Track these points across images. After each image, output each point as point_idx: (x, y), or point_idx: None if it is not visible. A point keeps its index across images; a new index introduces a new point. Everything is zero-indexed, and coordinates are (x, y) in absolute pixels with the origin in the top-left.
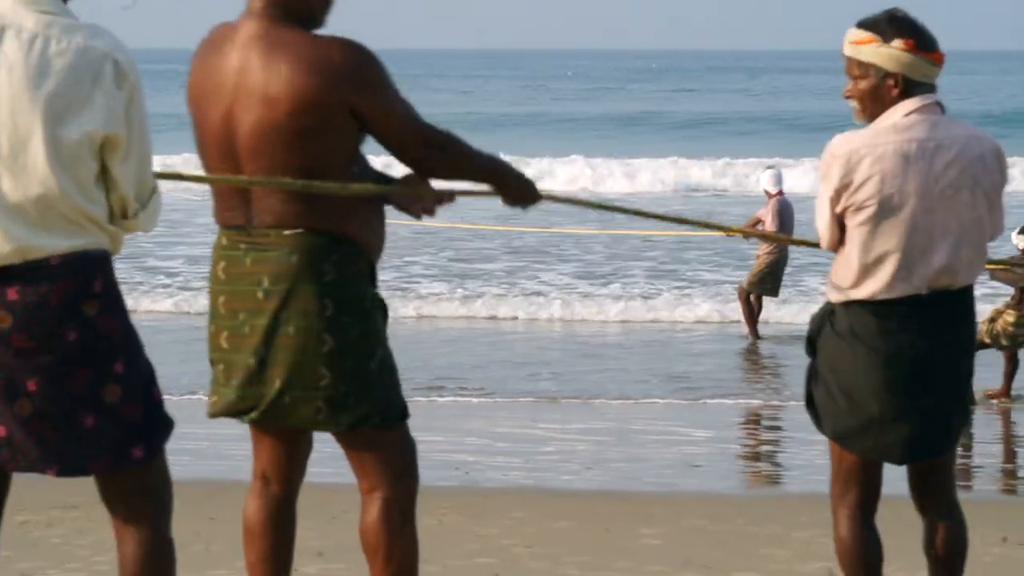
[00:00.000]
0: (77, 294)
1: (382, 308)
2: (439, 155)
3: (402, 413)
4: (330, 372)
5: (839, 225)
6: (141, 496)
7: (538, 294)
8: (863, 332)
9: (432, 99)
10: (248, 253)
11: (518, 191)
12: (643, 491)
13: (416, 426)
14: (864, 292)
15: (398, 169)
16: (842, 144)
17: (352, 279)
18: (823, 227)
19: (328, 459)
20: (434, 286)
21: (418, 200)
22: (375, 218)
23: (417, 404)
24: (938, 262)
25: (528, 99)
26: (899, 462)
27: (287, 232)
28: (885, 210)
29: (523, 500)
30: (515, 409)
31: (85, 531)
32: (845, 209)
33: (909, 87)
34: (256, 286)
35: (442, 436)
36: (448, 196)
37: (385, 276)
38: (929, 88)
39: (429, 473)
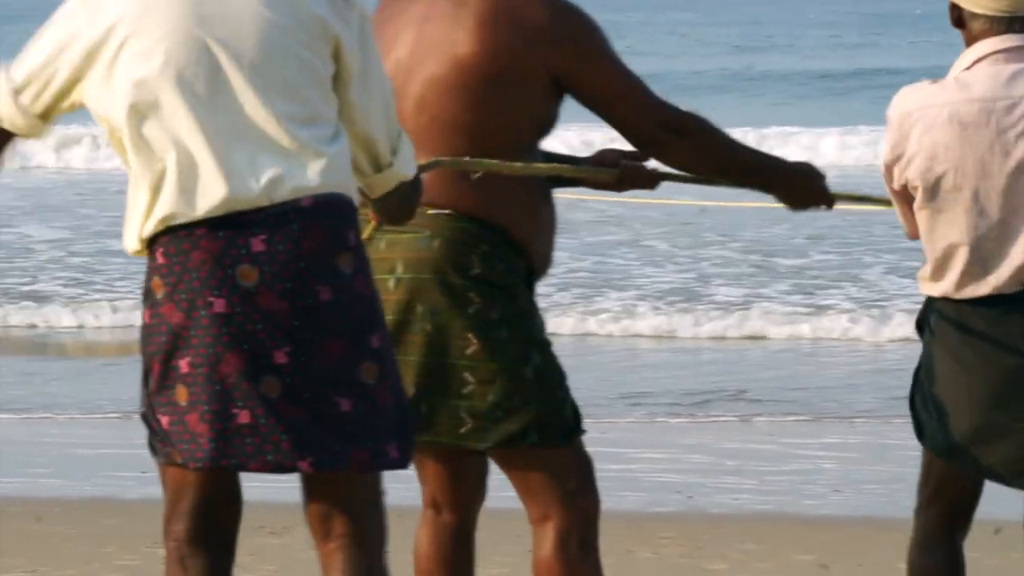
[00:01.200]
0: (332, 245)
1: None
2: (677, 139)
3: (569, 430)
4: (474, 378)
5: (907, 207)
6: (368, 511)
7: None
8: (944, 336)
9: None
10: (384, 234)
11: (800, 190)
12: (905, 518)
13: (629, 443)
14: (938, 290)
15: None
16: (897, 104)
17: (503, 273)
18: (896, 210)
19: None
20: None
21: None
22: (543, 211)
23: (633, 420)
24: (1020, 256)
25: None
26: (1009, 483)
27: (431, 212)
28: (941, 192)
29: (757, 529)
30: (748, 423)
31: (240, 567)
32: (903, 188)
33: (976, 25)
34: (389, 274)
35: (660, 454)
36: (672, 179)
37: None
38: (1008, 25)
39: (644, 497)
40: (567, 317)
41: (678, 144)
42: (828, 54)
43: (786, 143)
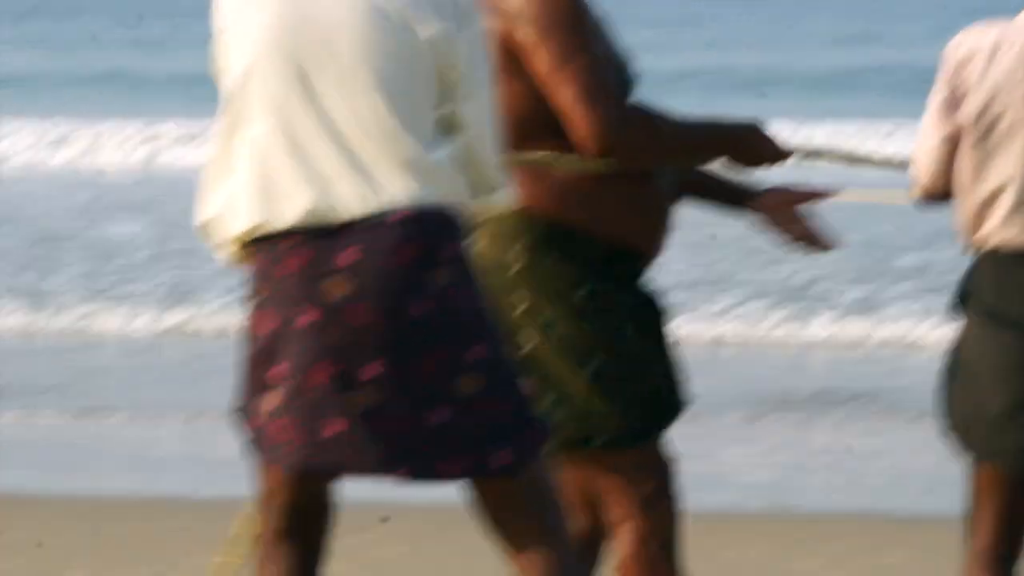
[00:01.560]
0: (425, 258)
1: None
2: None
3: (637, 432)
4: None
5: (947, 155)
6: (527, 514)
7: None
8: (979, 290)
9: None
10: None
11: (751, 149)
12: None
13: (718, 441)
14: (979, 237)
15: None
16: (956, 43)
17: (554, 265)
18: (921, 154)
19: None
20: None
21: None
22: (610, 195)
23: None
24: None
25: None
26: None
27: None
28: (995, 133)
29: (848, 528)
30: (838, 419)
31: None
32: (954, 130)
33: None
34: None
35: (746, 449)
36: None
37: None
38: None
39: (729, 496)
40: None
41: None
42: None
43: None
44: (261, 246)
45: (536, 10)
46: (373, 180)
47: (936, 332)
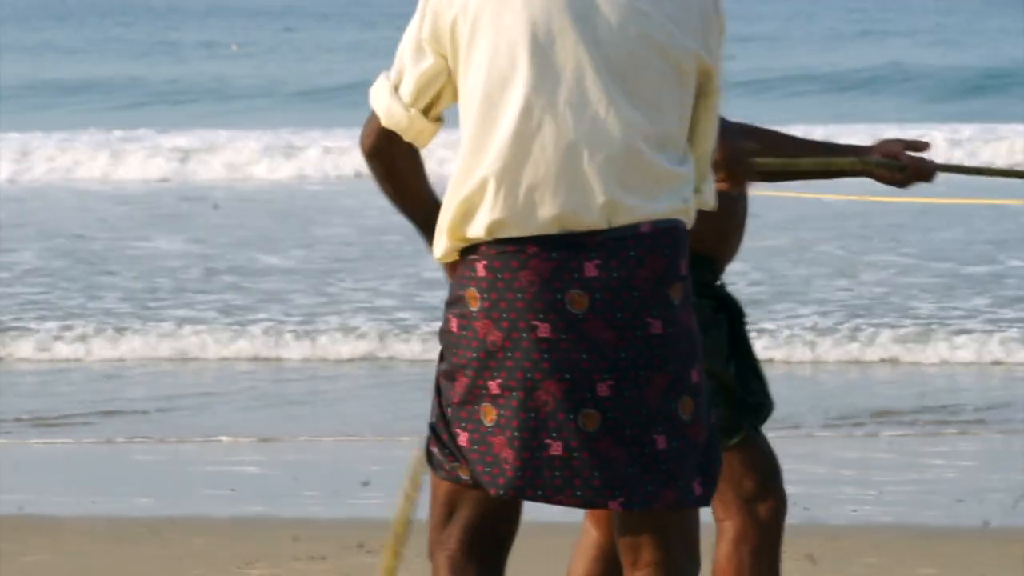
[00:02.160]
0: (666, 274)
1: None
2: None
3: (738, 431)
4: None
5: None
6: (679, 541)
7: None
8: None
9: None
10: None
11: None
12: None
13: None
14: None
15: None
16: None
17: None
18: None
19: None
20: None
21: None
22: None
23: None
24: None
25: None
26: None
27: None
28: None
29: (878, 542)
30: (870, 435)
31: None
32: None
33: None
34: None
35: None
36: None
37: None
38: None
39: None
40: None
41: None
42: None
43: None
44: (499, 250)
45: None
46: (625, 191)
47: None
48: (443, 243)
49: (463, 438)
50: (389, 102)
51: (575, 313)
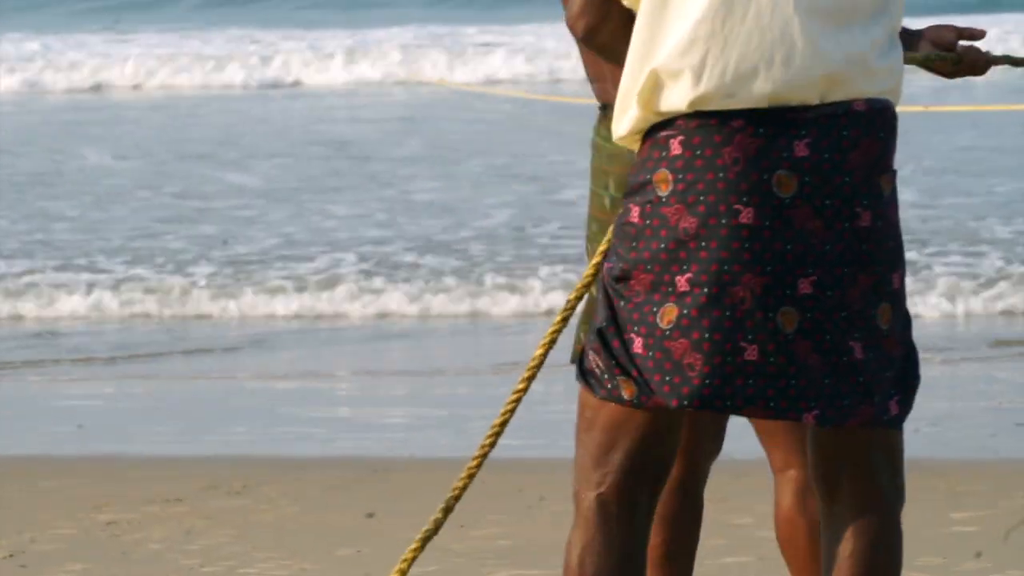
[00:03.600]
0: (879, 160)
1: None
2: None
3: None
4: None
5: None
6: (882, 469)
7: None
8: None
9: None
10: (605, 143)
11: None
12: (954, 459)
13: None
14: None
15: None
16: None
17: None
18: None
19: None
20: None
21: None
22: None
23: None
24: None
25: None
26: None
27: None
28: None
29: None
30: None
31: (193, 532)
32: None
33: None
34: (604, 191)
35: None
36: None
37: None
38: None
39: None
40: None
41: None
42: None
43: None
44: (701, 124)
45: None
46: (840, 65)
47: None
48: (631, 116)
49: (637, 344)
50: None
51: (782, 197)
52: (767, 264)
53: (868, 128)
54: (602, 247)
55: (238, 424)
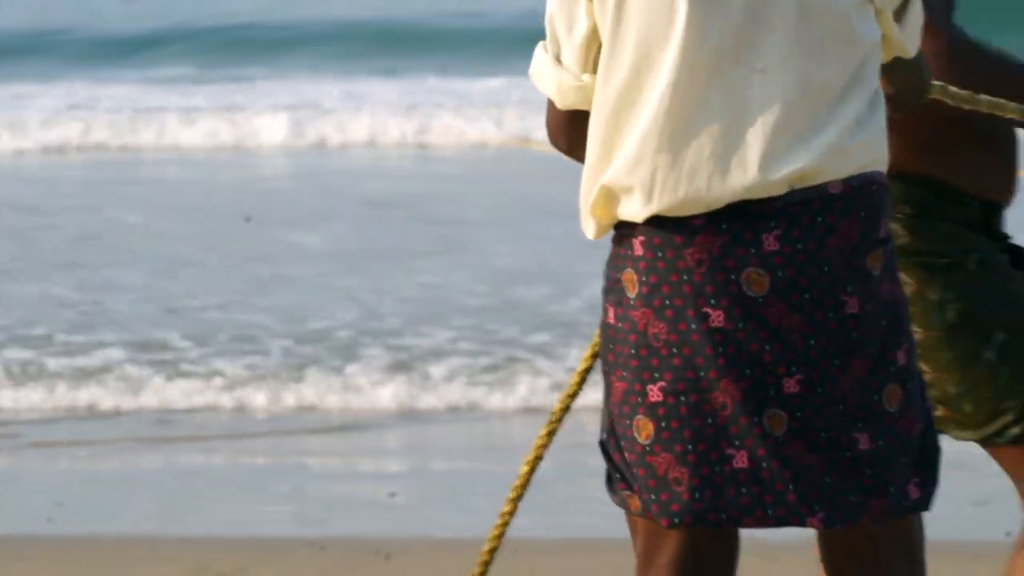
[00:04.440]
0: (862, 242)
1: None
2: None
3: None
4: (930, 367)
5: None
6: (903, 564)
7: None
8: None
9: None
10: None
11: None
12: (1002, 541)
13: None
14: None
15: None
16: None
17: (942, 233)
18: None
19: None
20: None
21: None
22: (978, 145)
23: None
24: None
25: None
26: None
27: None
28: None
29: None
30: None
31: None
32: None
33: None
34: None
35: None
36: None
37: None
38: None
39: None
40: None
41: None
42: None
43: None
44: (658, 223)
45: None
46: (804, 149)
47: None
48: (591, 226)
49: (628, 457)
50: (557, 79)
51: (753, 296)
52: (745, 367)
53: (846, 210)
54: (591, 348)
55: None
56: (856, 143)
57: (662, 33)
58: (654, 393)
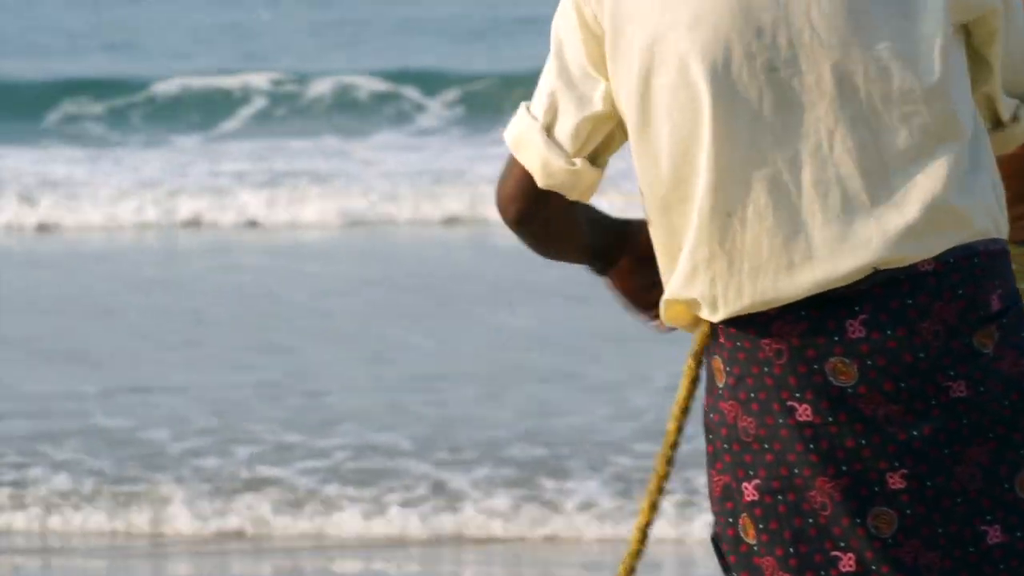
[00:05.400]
0: (964, 320)
1: None
2: None
3: None
4: None
5: None
6: None
7: None
8: None
9: None
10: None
11: None
12: None
13: None
14: None
15: None
16: None
17: None
18: None
19: None
20: None
21: None
22: None
23: None
24: None
25: None
26: None
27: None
28: None
29: None
30: None
31: None
32: None
33: None
34: None
35: None
36: None
37: None
38: None
39: None
40: None
41: None
42: None
43: None
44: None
45: None
46: (885, 225)
47: None
48: (669, 310)
49: (734, 559)
50: (545, 154)
51: (841, 386)
52: (841, 464)
53: (939, 289)
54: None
55: None
56: (946, 212)
57: (692, 133)
58: (749, 491)
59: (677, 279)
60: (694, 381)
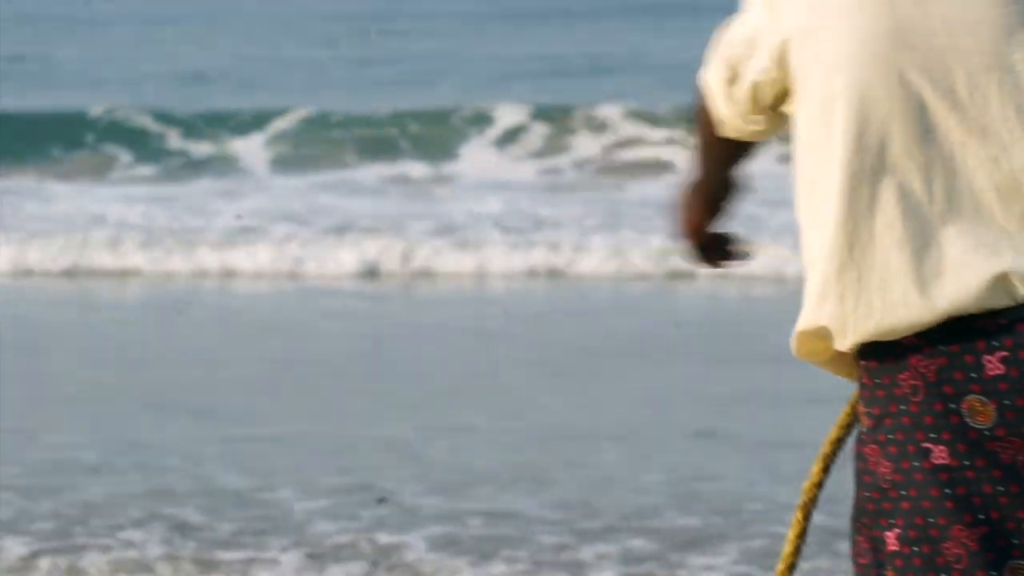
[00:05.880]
0: None
1: None
2: None
3: None
4: None
5: None
6: None
7: None
8: None
9: None
10: None
11: None
12: None
13: None
14: None
15: None
16: None
17: None
18: None
19: None
20: None
21: None
22: None
23: None
24: None
25: None
26: None
27: None
28: None
29: None
30: None
31: None
32: None
33: None
34: None
35: None
36: None
37: None
38: None
39: None
40: None
41: None
42: None
43: None
44: (871, 345)
45: None
46: (1015, 247)
47: None
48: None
49: None
50: (721, 103)
51: (978, 428)
52: (978, 512)
53: None
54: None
55: None
56: None
57: (824, 134)
58: (891, 541)
59: (809, 302)
60: (844, 428)
